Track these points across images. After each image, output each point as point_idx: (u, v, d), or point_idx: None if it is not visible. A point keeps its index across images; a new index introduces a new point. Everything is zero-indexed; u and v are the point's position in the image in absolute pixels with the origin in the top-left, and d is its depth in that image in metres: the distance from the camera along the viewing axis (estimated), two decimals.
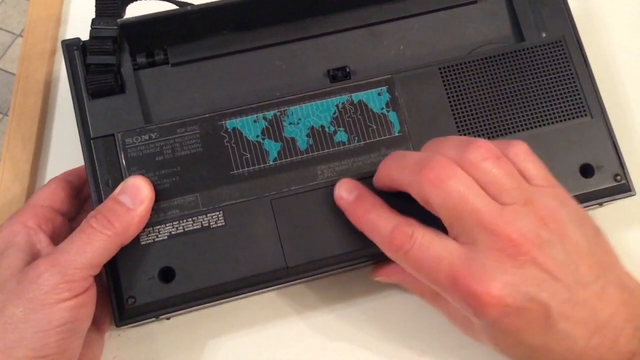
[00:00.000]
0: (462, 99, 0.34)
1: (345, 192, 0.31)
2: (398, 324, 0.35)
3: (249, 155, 0.32)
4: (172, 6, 0.33)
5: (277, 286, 0.32)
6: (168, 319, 0.34)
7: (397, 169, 0.29)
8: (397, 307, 0.35)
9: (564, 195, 0.29)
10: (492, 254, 0.26)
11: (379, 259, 0.31)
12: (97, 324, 0.32)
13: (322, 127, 0.33)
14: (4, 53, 1.27)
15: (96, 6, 0.33)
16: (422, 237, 0.27)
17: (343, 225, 0.31)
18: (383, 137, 0.33)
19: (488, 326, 0.27)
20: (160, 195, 0.31)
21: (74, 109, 0.32)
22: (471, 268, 0.26)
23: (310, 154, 0.33)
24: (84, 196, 0.35)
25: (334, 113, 0.33)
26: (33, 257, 0.30)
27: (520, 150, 0.29)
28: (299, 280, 0.32)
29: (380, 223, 0.29)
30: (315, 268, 0.31)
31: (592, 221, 0.29)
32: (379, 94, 0.34)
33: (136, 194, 0.30)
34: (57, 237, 0.32)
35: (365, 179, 0.32)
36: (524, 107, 0.34)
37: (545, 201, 0.28)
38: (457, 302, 0.27)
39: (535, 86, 0.34)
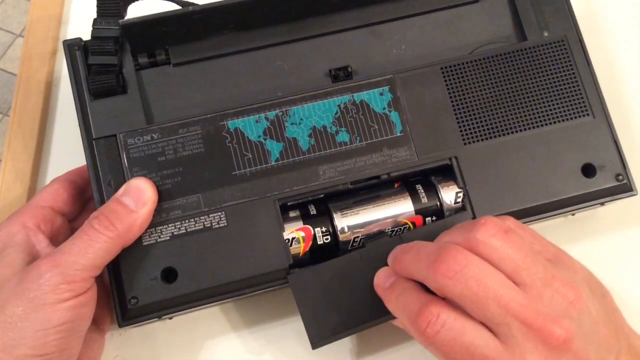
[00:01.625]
0: (464, 98, 0.34)
1: (382, 279, 0.30)
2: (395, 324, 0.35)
3: (251, 156, 0.32)
4: (173, 6, 0.33)
5: (278, 286, 0.32)
6: (170, 318, 0.34)
7: (412, 264, 0.28)
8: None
9: (570, 261, 0.29)
10: (530, 346, 0.25)
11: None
12: (97, 324, 0.32)
13: (324, 127, 0.33)
14: (4, 53, 1.26)
15: (97, 6, 0.33)
16: (454, 321, 0.26)
17: (363, 289, 0.31)
18: (385, 137, 0.33)
19: None
20: (162, 196, 0.31)
21: (76, 109, 0.32)
22: None
23: (312, 154, 0.33)
24: (87, 196, 0.35)
25: (336, 113, 0.33)
26: (32, 257, 0.30)
27: (512, 223, 0.29)
28: None
29: (408, 304, 0.28)
30: (338, 335, 0.31)
31: (598, 280, 0.29)
32: (381, 94, 0.34)
33: (139, 195, 0.30)
34: (57, 238, 0.32)
35: (370, 178, 0.32)
36: (526, 106, 0.34)
37: (562, 275, 0.27)
38: None
39: (537, 86, 0.34)
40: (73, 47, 0.33)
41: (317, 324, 0.30)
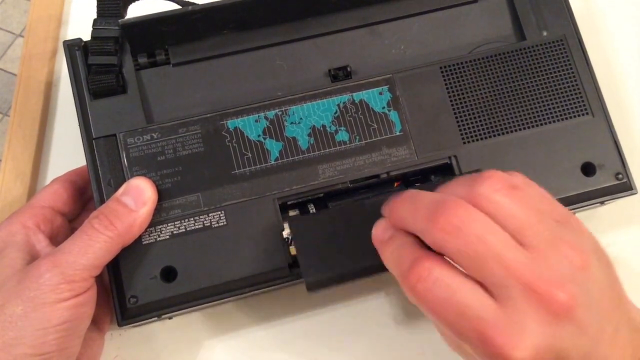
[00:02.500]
0: (464, 98, 0.34)
1: (380, 231, 0.28)
2: (399, 323, 0.35)
3: (250, 155, 0.32)
4: (173, 6, 0.33)
5: (278, 285, 0.32)
6: (170, 318, 0.34)
7: (409, 215, 0.26)
8: (398, 306, 0.35)
9: (579, 225, 0.27)
10: (530, 310, 0.23)
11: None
12: (97, 324, 0.32)
13: (324, 126, 0.33)
14: (4, 53, 1.27)
15: (97, 6, 0.33)
16: (447, 278, 0.24)
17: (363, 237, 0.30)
18: (384, 137, 0.33)
19: None
20: (162, 195, 0.31)
21: (76, 109, 0.32)
22: (504, 325, 0.23)
23: (312, 154, 0.33)
24: (87, 197, 0.35)
25: (335, 112, 0.33)
26: (32, 257, 0.30)
27: (521, 179, 0.27)
28: (300, 280, 0.32)
29: (401, 258, 0.26)
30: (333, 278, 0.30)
31: (604, 249, 0.27)
32: (380, 94, 0.34)
33: (139, 195, 0.30)
34: (56, 238, 0.32)
35: (369, 177, 0.32)
36: (526, 106, 0.34)
37: (569, 238, 0.25)
38: (478, 355, 0.24)
39: (537, 85, 0.34)
40: (73, 47, 0.33)
41: (314, 268, 0.30)
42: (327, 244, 0.30)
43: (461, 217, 0.24)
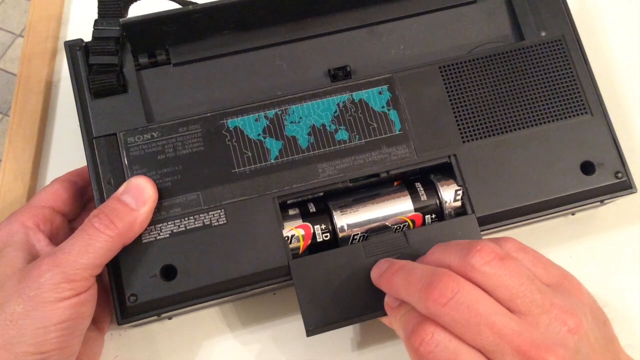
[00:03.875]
0: (463, 97, 0.34)
1: (392, 299, 0.29)
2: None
3: (250, 154, 0.33)
4: (174, 6, 0.34)
5: (278, 284, 0.32)
6: (170, 318, 0.34)
7: (402, 287, 0.28)
8: None
9: (573, 286, 0.28)
10: None
11: None
12: (97, 323, 0.33)
13: (323, 125, 0.33)
14: (4, 53, 1.27)
15: (99, 7, 0.34)
16: (448, 342, 0.25)
17: (362, 282, 0.31)
18: (384, 136, 0.33)
19: None
20: (162, 194, 0.32)
21: (77, 108, 0.33)
22: None
23: (312, 152, 0.33)
24: (87, 197, 0.35)
25: (335, 112, 0.33)
26: (32, 256, 0.30)
27: (513, 246, 0.28)
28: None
29: (406, 321, 0.27)
30: (332, 325, 0.31)
31: (600, 307, 0.28)
32: (380, 93, 0.34)
33: (139, 194, 0.30)
34: (56, 238, 0.32)
35: (369, 176, 0.33)
36: (525, 105, 0.34)
37: (561, 302, 0.26)
38: None
39: (536, 85, 0.35)
40: (74, 48, 0.33)
41: (314, 312, 0.30)
42: (328, 287, 0.31)
43: (452, 289, 0.25)
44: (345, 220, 0.32)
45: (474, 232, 0.32)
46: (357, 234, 0.32)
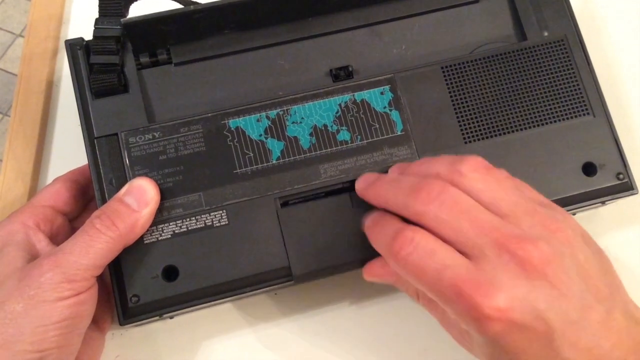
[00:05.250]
0: (465, 98, 0.34)
1: (369, 219, 0.30)
2: (397, 323, 0.35)
3: (252, 154, 0.32)
4: (175, 6, 0.33)
5: (279, 285, 0.32)
6: (171, 317, 0.34)
7: (391, 194, 0.28)
8: (397, 306, 0.35)
9: (564, 212, 0.28)
10: (502, 266, 0.25)
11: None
12: (97, 323, 0.32)
13: (325, 126, 0.33)
14: (4, 53, 1.27)
15: (99, 6, 0.33)
16: (426, 243, 0.26)
17: (349, 231, 0.31)
18: (386, 136, 0.33)
19: (487, 343, 0.25)
20: (163, 194, 0.31)
21: (78, 108, 0.32)
22: (478, 279, 0.24)
23: (313, 153, 0.33)
24: (89, 196, 0.35)
25: (337, 112, 0.33)
26: (32, 256, 0.30)
27: (504, 171, 0.29)
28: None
29: (385, 232, 0.28)
30: (321, 276, 0.31)
31: (593, 240, 0.28)
32: (382, 93, 0.34)
33: (141, 195, 0.30)
34: (57, 237, 0.32)
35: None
36: (527, 106, 0.34)
37: (548, 213, 0.26)
38: (457, 315, 0.25)
39: (538, 85, 0.34)
40: (75, 47, 0.33)
41: (302, 259, 0.31)
42: (315, 235, 0.31)
43: (439, 190, 0.26)
44: None
45: None
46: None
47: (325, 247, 0.31)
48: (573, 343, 0.24)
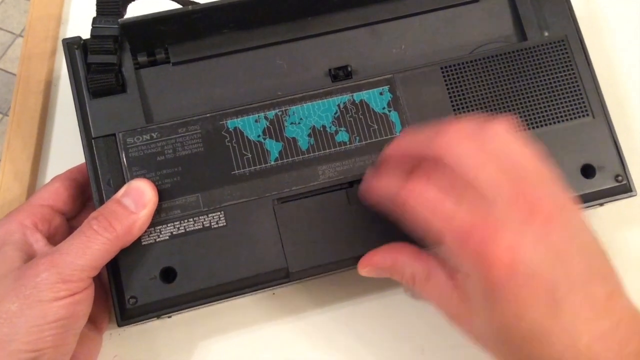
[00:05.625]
0: (464, 98, 0.34)
1: (367, 182, 0.30)
2: (396, 323, 0.35)
3: (250, 155, 0.32)
4: (173, 5, 0.33)
5: (277, 286, 0.32)
6: (169, 317, 0.34)
7: (414, 139, 0.29)
8: (395, 306, 0.35)
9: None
10: (515, 213, 0.24)
11: None
12: (95, 323, 0.32)
13: (324, 127, 0.33)
14: (4, 53, 1.27)
15: (97, 5, 0.33)
16: (435, 191, 0.26)
17: (344, 231, 0.31)
18: (384, 137, 0.33)
19: (488, 293, 0.25)
20: (161, 195, 0.31)
21: (75, 108, 0.32)
22: (487, 222, 0.24)
23: (312, 154, 0.33)
24: (88, 194, 0.35)
25: (336, 113, 0.33)
26: (29, 255, 0.30)
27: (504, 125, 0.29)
28: (298, 280, 0.32)
29: (391, 186, 0.28)
30: (317, 273, 0.32)
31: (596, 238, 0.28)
32: (381, 94, 0.34)
33: (139, 197, 0.30)
34: (54, 237, 0.32)
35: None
36: (526, 106, 0.34)
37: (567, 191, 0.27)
38: (463, 259, 0.25)
39: (537, 86, 0.34)
40: (72, 46, 0.33)
41: (298, 255, 0.31)
42: (311, 231, 0.31)
43: (466, 134, 0.27)
44: None
45: None
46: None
47: (322, 243, 0.31)
48: (576, 305, 0.24)
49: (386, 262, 0.30)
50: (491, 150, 0.26)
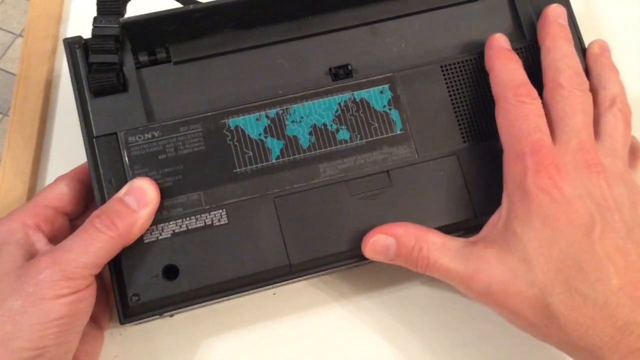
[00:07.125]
0: (464, 97, 0.34)
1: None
2: (398, 322, 0.35)
3: (251, 154, 0.32)
4: (174, 4, 0.33)
5: (280, 284, 0.32)
6: (171, 316, 0.34)
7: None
8: (398, 305, 0.35)
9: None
10: (577, 160, 0.29)
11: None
12: (96, 321, 0.33)
13: (325, 125, 0.33)
14: (4, 53, 1.27)
15: (98, 4, 0.33)
16: (539, 106, 0.31)
17: (346, 223, 0.31)
18: (385, 135, 0.33)
19: (531, 205, 0.28)
20: (163, 194, 0.31)
21: (77, 107, 0.32)
22: (553, 153, 0.29)
23: (313, 152, 0.33)
24: (92, 194, 0.35)
25: (336, 111, 0.33)
26: (31, 255, 0.30)
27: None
28: (301, 278, 0.32)
29: (512, 68, 0.33)
30: (319, 265, 0.32)
31: None
32: (381, 92, 0.34)
33: (141, 196, 0.30)
34: (57, 238, 0.32)
35: (370, 175, 0.33)
36: None
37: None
38: (515, 171, 0.29)
39: (537, 85, 0.34)
40: (73, 45, 0.33)
41: (299, 247, 0.31)
42: (313, 225, 0.32)
43: (582, 81, 0.32)
44: None
45: (457, 172, 0.33)
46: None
47: (323, 236, 0.31)
48: (609, 248, 0.27)
49: (398, 230, 0.30)
50: (589, 106, 0.32)
